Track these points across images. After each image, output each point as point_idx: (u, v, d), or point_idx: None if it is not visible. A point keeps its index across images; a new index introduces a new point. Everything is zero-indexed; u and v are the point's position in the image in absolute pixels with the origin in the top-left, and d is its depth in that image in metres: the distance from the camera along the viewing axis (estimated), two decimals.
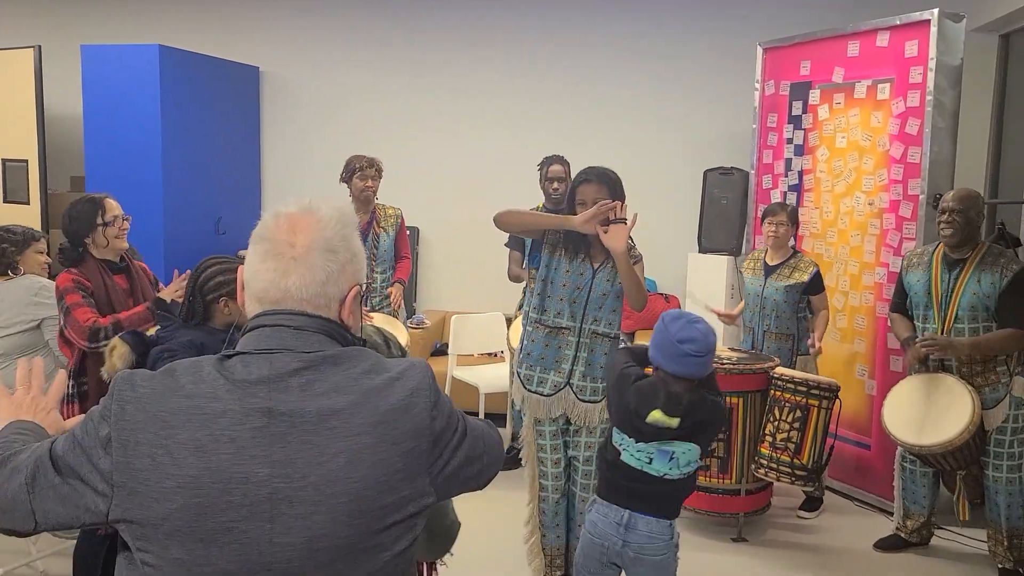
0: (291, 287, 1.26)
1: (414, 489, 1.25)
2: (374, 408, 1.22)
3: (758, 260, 4.35)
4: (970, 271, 3.50)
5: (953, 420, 3.42)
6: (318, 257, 1.27)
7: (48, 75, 5.91)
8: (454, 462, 1.32)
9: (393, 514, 1.23)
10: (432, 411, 1.28)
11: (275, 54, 6.50)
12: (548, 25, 6.18)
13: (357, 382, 1.24)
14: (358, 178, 4.51)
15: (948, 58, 4.10)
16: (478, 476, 1.38)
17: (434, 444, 1.28)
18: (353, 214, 1.38)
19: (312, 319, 1.27)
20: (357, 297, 1.34)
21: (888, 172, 4.32)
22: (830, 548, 3.98)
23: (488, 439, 1.42)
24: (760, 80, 5.09)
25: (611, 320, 3.19)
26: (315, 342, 1.26)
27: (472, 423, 1.41)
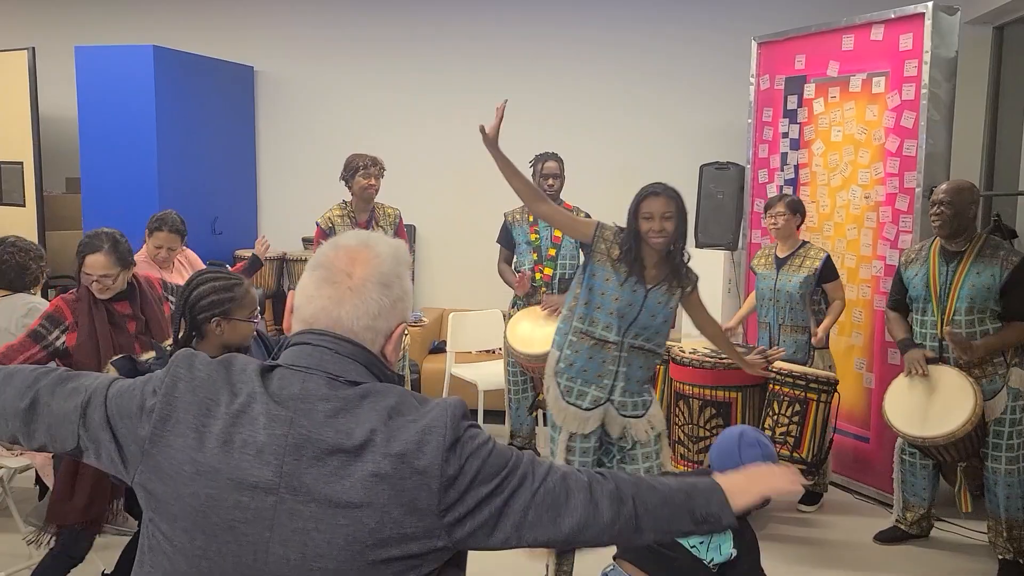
0: (343, 316, 1.30)
1: (421, 530, 1.23)
2: (389, 444, 1.23)
3: (769, 255, 4.33)
4: (968, 263, 3.51)
5: (955, 412, 3.43)
6: (373, 290, 1.31)
7: (42, 77, 5.90)
8: (481, 512, 1.26)
9: (392, 549, 1.22)
10: (447, 451, 1.24)
11: (270, 53, 6.48)
12: (543, 22, 6.17)
13: (379, 414, 1.25)
14: (361, 176, 4.50)
15: (943, 51, 4.11)
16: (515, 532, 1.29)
17: (447, 486, 1.24)
18: (407, 253, 1.40)
19: (355, 348, 1.30)
20: (402, 335, 1.36)
21: (884, 165, 4.32)
22: (830, 541, 3.99)
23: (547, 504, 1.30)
24: (755, 75, 5.10)
25: (658, 342, 3.14)
26: (352, 370, 1.29)
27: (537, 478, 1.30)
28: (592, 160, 5.99)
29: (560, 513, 1.30)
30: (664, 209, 3.05)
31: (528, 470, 1.31)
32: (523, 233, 4.72)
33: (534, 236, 4.68)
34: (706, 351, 4.05)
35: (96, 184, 5.56)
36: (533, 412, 4.88)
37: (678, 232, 3.08)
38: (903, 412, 3.58)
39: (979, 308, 3.48)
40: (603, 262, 3.11)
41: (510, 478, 1.29)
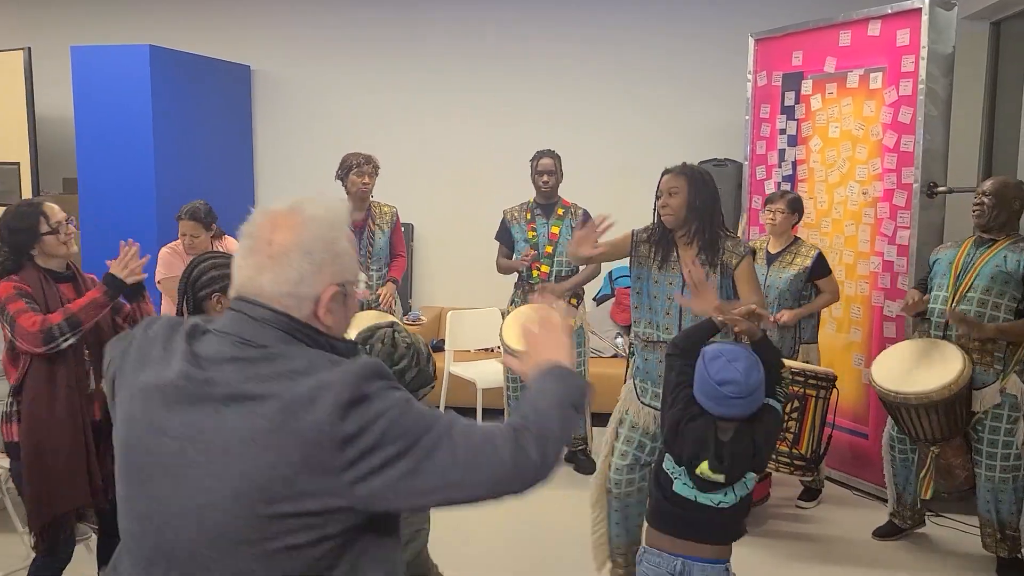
0: (265, 284, 1.32)
1: (317, 486, 1.23)
2: (281, 396, 1.24)
3: (760, 249, 4.35)
4: (998, 248, 3.49)
5: (937, 377, 3.40)
6: (294, 257, 1.31)
7: (38, 77, 5.89)
8: (387, 472, 1.24)
9: (284, 504, 1.23)
10: (342, 409, 1.23)
11: (266, 53, 6.48)
12: (540, 21, 6.17)
13: (280, 373, 1.27)
14: (355, 175, 4.50)
15: (940, 46, 4.11)
16: (433, 495, 1.29)
17: (343, 445, 1.22)
18: (346, 215, 1.40)
19: (274, 314, 1.32)
20: (338, 297, 1.35)
21: (882, 161, 4.32)
22: (829, 537, 3.99)
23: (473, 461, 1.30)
24: (752, 71, 5.09)
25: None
26: (268, 335, 1.31)
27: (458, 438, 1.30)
28: (590, 157, 5.98)
29: (490, 468, 1.30)
30: (670, 185, 3.04)
31: (446, 430, 1.29)
32: (521, 231, 4.72)
33: (532, 234, 4.68)
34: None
35: (93, 184, 5.55)
36: None
37: (692, 207, 3.00)
38: (887, 370, 3.56)
39: (996, 292, 3.44)
40: (645, 263, 3.11)
41: (424, 439, 1.27)
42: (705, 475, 2.33)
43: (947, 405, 3.39)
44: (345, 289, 1.37)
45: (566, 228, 4.66)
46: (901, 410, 3.52)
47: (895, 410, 3.58)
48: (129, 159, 5.52)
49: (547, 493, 4.15)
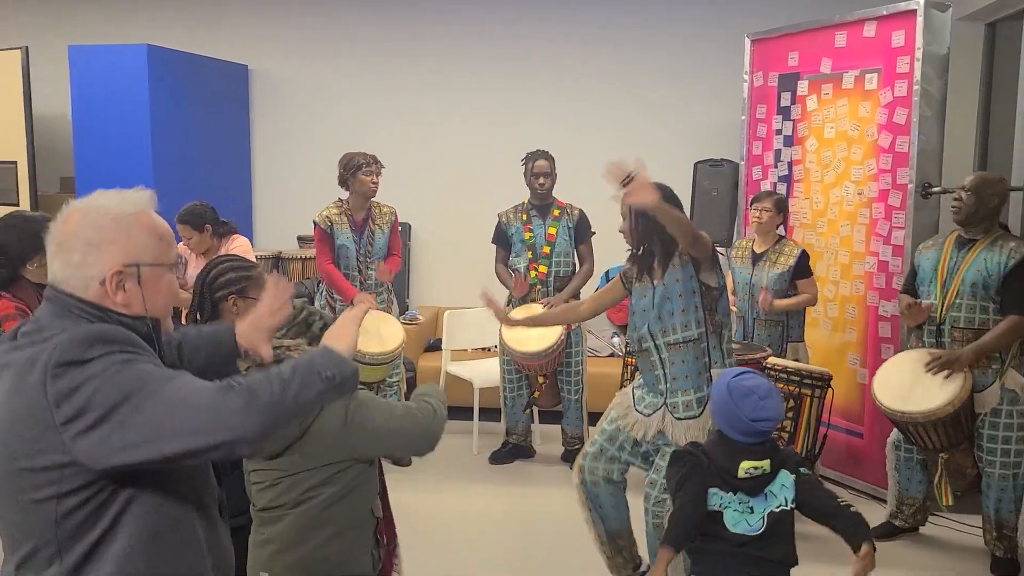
0: (56, 270, 1.47)
1: (44, 443, 1.35)
2: (18, 362, 1.39)
3: (745, 249, 4.39)
4: (979, 250, 3.52)
5: (940, 392, 3.43)
6: (73, 242, 1.45)
7: (36, 76, 5.88)
8: (100, 430, 1.33)
9: (24, 461, 1.37)
10: (53, 368, 1.35)
11: (264, 52, 6.48)
12: (536, 19, 6.18)
13: (36, 345, 1.40)
14: (364, 174, 4.51)
15: (935, 47, 4.13)
16: (146, 448, 1.34)
17: (57, 403, 1.34)
18: (142, 202, 1.52)
19: (57, 293, 1.46)
20: (128, 276, 1.46)
21: (877, 161, 4.34)
22: (824, 536, 3.98)
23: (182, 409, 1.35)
24: (748, 72, 5.11)
25: (684, 323, 3.01)
26: (46, 312, 1.46)
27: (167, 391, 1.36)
28: (586, 157, 5.97)
29: (191, 417, 1.35)
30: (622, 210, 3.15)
31: (158, 387, 1.37)
32: (517, 232, 4.73)
33: (528, 234, 4.69)
34: None
35: (90, 183, 5.46)
36: (527, 409, 4.91)
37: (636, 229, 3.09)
38: (889, 387, 3.58)
39: (982, 296, 3.48)
40: (629, 284, 3.19)
41: (135, 396, 1.35)
42: (750, 470, 2.29)
43: (952, 417, 3.43)
44: (139, 270, 1.47)
45: (563, 228, 4.68)
46: (908, 427, 3.57)
47: (902, 426, 3.63)
48: (126, 159, 5.52)
49: (544, 491, 4.21)
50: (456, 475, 4.71)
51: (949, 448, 3.57)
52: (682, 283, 3.00)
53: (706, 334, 3.02)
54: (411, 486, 4.51)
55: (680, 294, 3.00)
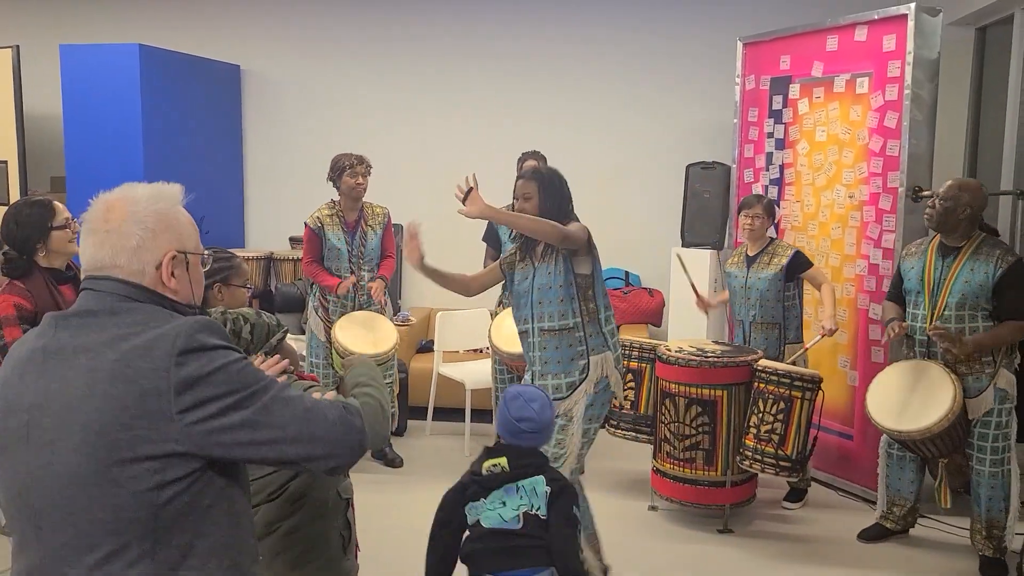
0: (106, 256, 1.44)
1: (153, 431, 1.31)
2: (118, 347, 1.34)
3: (740, 254, 4.40)
4: (963, 260, 3.53)
5: (934, 407, 3.46)
6: (128, 227, 1.44)
7: (27, 75, 5.86)
8: (223, 420, 1.33)
9: (125, 451, 1.31)
10: (178, 356, 1.32)
11: (256, 52, 6.47)
12: (528, 20, 6.19)
13: (118, 327, 1.37)
14: (348, 176, 4.51)
15: (925, 52, 4.15)
16: (270, 447, 1.37)
17: (180, 390, 1.31)
18: (177, 193, 1.53)
19: (112, 282, 1.43)
20: (178, 261, 1.47)
21: (868, 165, 4.36)
22: (815, 538, 4.03)
23: (311, 416, 1.41)
24: (740, 75, 5.13)
25: (562, 312, 3.18)
26: (110, 299, 1.42)
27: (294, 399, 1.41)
28: (580, 158, 6.01)
29: (323, 427, 1.41)
30: (523, 190, 3.25)
31: (281, 389, 1.41)
32: (507, 231, 4.73)
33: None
34: (692, 350, 4.08)
35: (81, 183, 5.53)
36: None
37: (544, 210, 3.20)
38: (884, 406, 3.60)
39: (970, 305, 3.50)
40: (512, 266, 3.34)
41: (261, 394, 1.37)
42: (491, 467, 2.50)
43: (947, 429, 3.46)
44: (187, 257, 1.49)
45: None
46: (906, 442, 3.60)
47: (900, 441, 3.66)
48: (118, 158, 5.50)
49: None
50: (448, 476, 4.67)
51: (949, 454, 3.61)
52: (562, 274, 3.17)
53: (581, 323, 3.19)
54: (402, 487, 4.51)
55: (561, 284, 3.18)
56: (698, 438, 3.98)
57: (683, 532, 4.04)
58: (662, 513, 4.24)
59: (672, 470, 4.06)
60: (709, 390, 3.94)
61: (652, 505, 4.29)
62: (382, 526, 2.99)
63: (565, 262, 3.16)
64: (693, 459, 4.00)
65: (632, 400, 4.31)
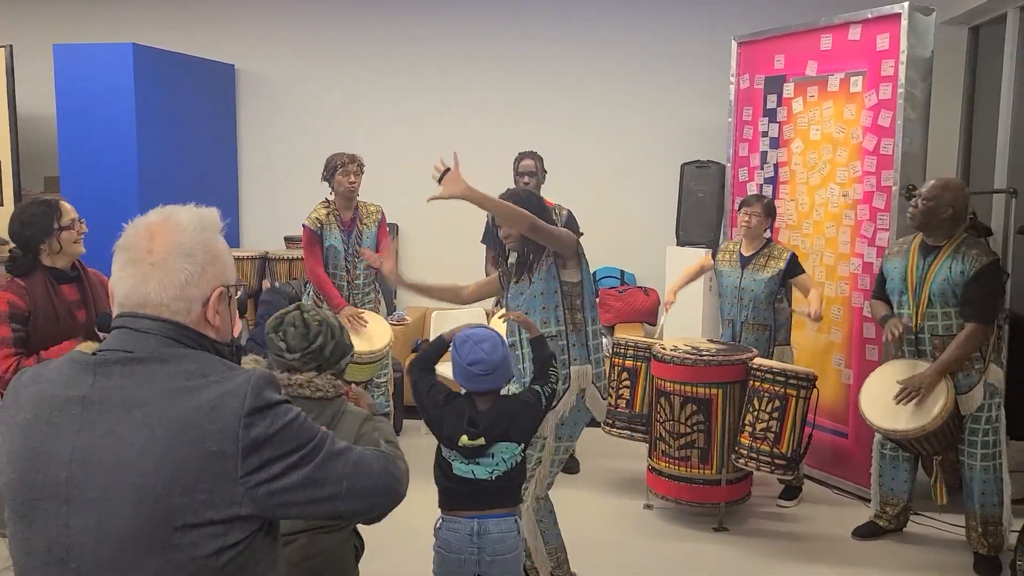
0: (151, 292, 1.32)
1: (217, 495, 1.23)
2: (179, 404, 1.24)
3: (733, 252, 4.40)
4: (943, 258, 3.55)
5: (927, 406, 3.49)
6: (176, 262, 1.33)
7: (20, 75, 5.84)
8: (286, 480, 1.28)
9: (187, 515, 1.22)
10: (246, 416, 1.25)
11: (251, 52, 6.46)
12: (524, 19, 6.19)
13: (172, 379, 1.27)
14: (340, 174, 4.50)
15: (919, 51, 4.16)
16: (329, 503, 1.33)
17: (248, 452, 1.24)
18: (217, 219, 1.42)
19: (156, 322, 1.32)
20: (223, 297, 1.38)
21: (861, 164, 4.37)
22: (809, 536, 4.04)
23: (360, 469, 1.37)
24: (735, 74, 5.14)
25: (544, 319, 3.07)
26: (151, 343, 1.30)
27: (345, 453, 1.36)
28: (575, 157, 6.02)
29: (371, 481, 1.38)
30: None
31: (332, 444, 1.36)
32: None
33: None
34: (687, 348, 4.09)
35: (75, 183, 5.51)
36: None
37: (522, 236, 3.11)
38: (877, 406, 3.62)
39: (952, 302, 3.52)
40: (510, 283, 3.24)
41: (318, 450, 1.32)
42: (467, 445, 2.50)
43: (942, 425, 3.48)
44: (229, 291, 1.40)
45: None
46: (901, 441, 3.62)
47: (894, 440, 3.67)
48: (112, 158, 5.49)
49: None
50: None
51: (943, 451, 3.64)
52: (545, 281, 3.08)
53: (565, 332, 3.09)
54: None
55: (543, 292, 3.08)
56: (693, 436, 3.98)
57: (678, 530, 4.05)
58: (657, 511, 4.25)
59: (667, 468, 4.07)
60: (704, 388, 3.95)
61: (647, 504, 4.30)
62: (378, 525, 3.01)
63: (551, 269, 3.07)
64: (688, 457, 4.00)
65: (627, 399, 4.32)
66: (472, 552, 2.53)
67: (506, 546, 2.54)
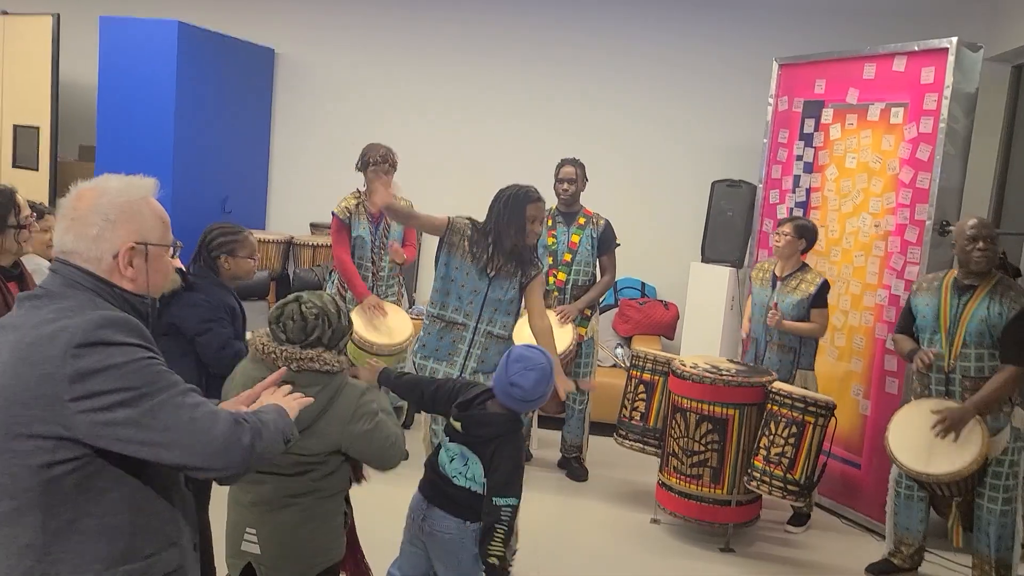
0: (68, 242, 1.55)
1: (48, 413, 1.41)
2: (31, 332, 1.45)
3: (767, 271, 4.38)
4: (980, 298, 3.52)
5: (963, 450, 3.43)
6: (90, 217, 1.55)
7: (65, 44, 5.90)
8: (109, 414, 1.42)
9: (21, 427, 1.42)
10: (73, 349, 1.41)
11: (291, 37, 6.50)
12: (564, 25, 6.20)
13: (48, 312, 1.47)
14: (371, 172, 4.52)
15: (964, 86, 4.14)
16: (150, 448, 1.44)
17: (73, 381, 1.41)
18: (148, 187, 1.63)
19: (67, 267, 1.54)
20: (138, 253, 1.57)
21: (896, 196, 4.35)
22: (815, 564, 4.02)
23: (197, 426, 1.47)
24: (774, 95, 5.13)
25: (505, 323, 3.51)
26: (59, 281, 1.53)
27: (184, 406, 1.47)
28: (606, 169, 6.01)
29: (203, 439, 1.47)
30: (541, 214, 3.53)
31: (177, 395, 1.48)
32: (540, 236, 4.73)
33: (551, 240, 4.68)
34: (707, 366, 4.08)
35: (110, 154, 5.57)
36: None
37: None
38: (907, 446, 3.57)
39: (988, 343, 3.49)
40: (451, 252, 3.52)
41: (154, 396, 1.45)
42: (454, 426, 2.58)
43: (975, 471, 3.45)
44: (147, 249, 1.59)
45: (587, 238, 4.68)
46: (930, 484, 3.57)
47: (922, 483, 3.63)
48: (149, 132, 5.54)
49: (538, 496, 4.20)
50: None
51: (964, 495, 3.60)
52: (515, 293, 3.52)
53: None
54: (408, 482, 4.51)
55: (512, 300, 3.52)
56: (706, 455, 3.98)
57: (684, 548, 4.04)
58: (664, 527, 4.24)
59: (678, 485, 4.06)
60: (721, 408, 3.94)
61: (655, 518, 4.29)
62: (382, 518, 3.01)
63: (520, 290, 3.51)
64: (700, 475, 4.00)
65: (642, 412, 4.31)
66: (419, 517, 2.60)
67: (446, 532, 2.56)
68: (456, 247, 3.52)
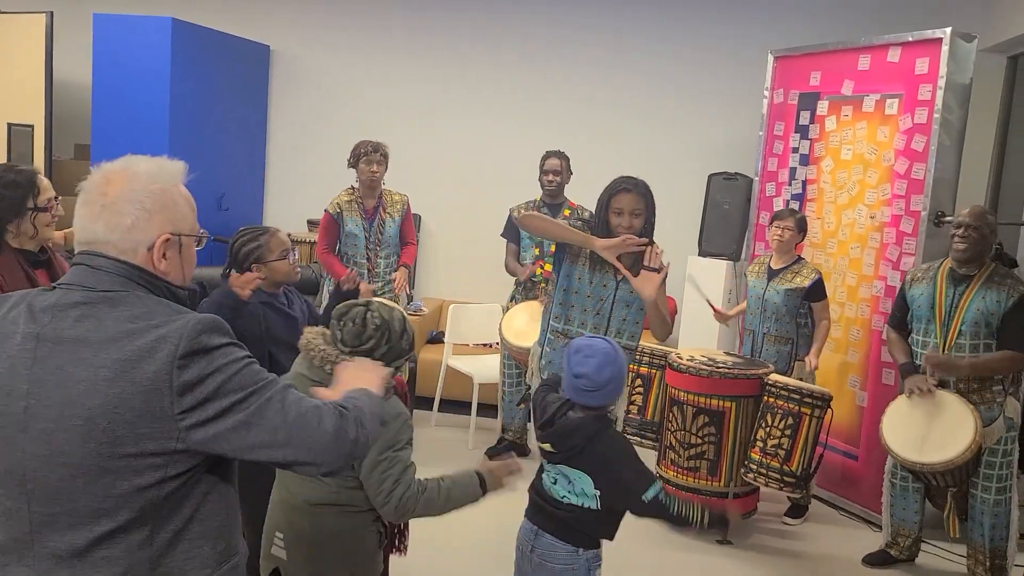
0: (99, 232, 1.42)
1: (154, 430, 1.34)
2: (122, 347, 1.34)
3: (763, 264, 4.39)
4: (976, 288, 3.52)
5: (955, 439, 3.43)
6: (124, 206, 1.42)
7: (59, 42, 5.89)
8: (223, 422, 1.36)
9: (128, 446, 1.33)
10: (178, 360, 1.34)
11: (286, 34, 6.49)
12: (559, 21, 6.19)
13: (119, 322, 1.37)
14: (364, 163, 4.53)
15: (958, 77, 4.14)
16: (263, 450, 1.40)
17: (181, 392, 1.33)
18: (178, 171, 1.51)
19: (110, 261, 1.42)
20: (172, 245, 1.47)
21: (891, 187, 4.35)
22: (813, 555, 4.03)
23: (305, 422, 1.42)
24: (769, 88, 5.12)
25: (633, 332, 3.22)
26: (106, 280, 1.41)
27: (289, 403, 1.42)
28: (602, 163, 6.00)
29: (314, 435, 1.41)
30: (634, 206, 3.17)
31: (279, 393, 1.42)
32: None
33: None
34: (703, 359, 4.08)
35: (105, 152, 5.44)
36: (521, 404, 4.92)
37: (647, 226, 3.19)
38: (902, 436, 3.57)
39: (984, 333, 3.49)
40: (574, 261, 3.20)
41: (258, 397, 1.39)
42: (545, 448, 2.47)
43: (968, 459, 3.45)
44: (180, 239, 1.49)
45: None
46: (925, 474, 3.58)
47: (916, 473, 3.63)
48: (143, 130, 5.53)
49: None
50: (450, 469, 4.71)
51: (959, 484, 3.60)
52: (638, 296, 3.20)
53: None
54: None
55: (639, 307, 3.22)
56: (703, 448, 3.98)
57: (682, 541, 4.05)
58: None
59: (675, 478, 4.07)
60: (718, 400, 3.94)
61: None
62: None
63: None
64: (697, 468, 4.00)
65: (639, 405, 4.32)
66: (527, 547, 2.49)
67: (556, 559, 2.44)
68: (578, 255, 3.20)
